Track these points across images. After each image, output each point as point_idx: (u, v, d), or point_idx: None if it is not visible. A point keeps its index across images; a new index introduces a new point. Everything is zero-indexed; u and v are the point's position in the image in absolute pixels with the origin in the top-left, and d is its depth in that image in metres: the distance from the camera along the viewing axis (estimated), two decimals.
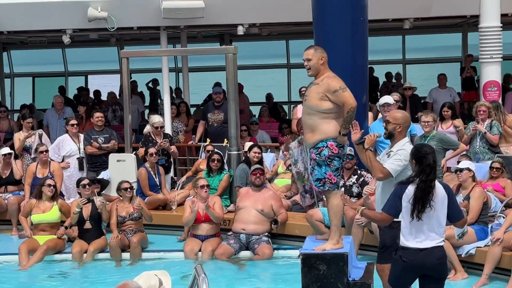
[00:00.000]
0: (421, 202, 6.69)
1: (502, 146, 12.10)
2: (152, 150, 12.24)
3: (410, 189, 6.76)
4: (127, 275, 9.50)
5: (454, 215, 6.90)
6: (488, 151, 11.78)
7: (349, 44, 11.29)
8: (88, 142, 13.01)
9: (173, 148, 12.99)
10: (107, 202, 11.37)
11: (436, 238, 6.76)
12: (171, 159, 13.18)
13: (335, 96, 7.75)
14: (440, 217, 6.77)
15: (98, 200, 10.99)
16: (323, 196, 8.50)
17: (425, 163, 6.72)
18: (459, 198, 9.57)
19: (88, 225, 10.94)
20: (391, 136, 7.53)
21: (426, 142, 10.70)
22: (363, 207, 7.39)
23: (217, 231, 10.93)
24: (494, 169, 10.73)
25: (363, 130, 7.87)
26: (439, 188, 6.79)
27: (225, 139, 13.04)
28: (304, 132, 8.12)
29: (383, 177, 7.44)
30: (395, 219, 6.96)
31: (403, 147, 7.47)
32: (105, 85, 22.82)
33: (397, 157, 7.43)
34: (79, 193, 11.16)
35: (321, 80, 7.85)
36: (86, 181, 11.14)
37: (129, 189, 11.13)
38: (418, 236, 6.76)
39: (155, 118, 13.23)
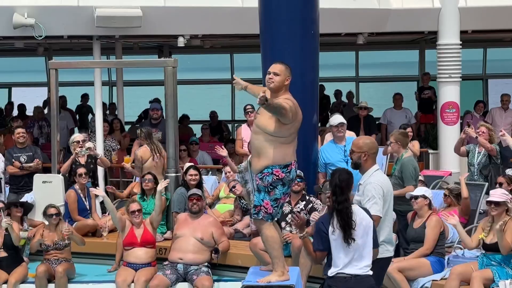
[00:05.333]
0: (347, 225, 6.77)
1: None
2: (81, 170, 12.11)
3: (331, 218, 6.87)
4: None
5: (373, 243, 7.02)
6: None
7: (298, 59, 11.30)
8: (9, 161, 12.84)
9: (99, 154, 12.94)
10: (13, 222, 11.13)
11: (364, 266, 6.83)
12: (97, 181, 13.06)
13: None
14: (365, 243, 6.84)
15: (3, 221, 10.69)
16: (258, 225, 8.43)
17: (332, 184, 6.80)
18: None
19: (3, 253, 10.77)
20: (358, 166, 7.49)
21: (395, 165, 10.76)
22: (305, 233, 7.41)
23: (153, 259, 10.85)
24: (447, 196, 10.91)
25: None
26: (362, 214, 6.84)
27: None
28: (251, 154, 8.16)
29: (376, 224, 7.41)
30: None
31: (369, 180, 7.47)
32: (31, 99, 22.57)
33: (369, 197, 7.38)
34: None
35: (278, 99, 7.91)
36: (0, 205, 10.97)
37: (55, 216, 10.98)
38: (348, 263, 6.85)
39: (75, 135, 13.20)
